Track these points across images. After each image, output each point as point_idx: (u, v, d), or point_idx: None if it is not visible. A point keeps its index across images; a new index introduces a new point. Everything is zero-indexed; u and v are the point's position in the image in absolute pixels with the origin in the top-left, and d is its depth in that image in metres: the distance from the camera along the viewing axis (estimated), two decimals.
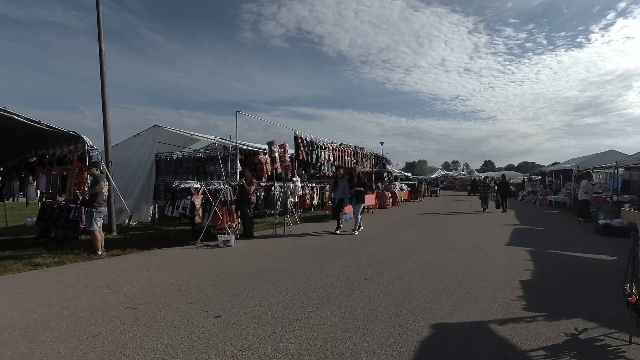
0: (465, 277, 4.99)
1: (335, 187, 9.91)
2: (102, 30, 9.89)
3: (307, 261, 6.10)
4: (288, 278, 5.00)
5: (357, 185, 9.65)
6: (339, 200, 9.77)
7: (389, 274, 5.18)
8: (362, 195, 9.76)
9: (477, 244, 7.67)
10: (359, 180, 9.83)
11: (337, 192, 9.80)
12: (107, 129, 9.78)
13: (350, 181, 9.75)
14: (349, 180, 9.78)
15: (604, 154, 18.34)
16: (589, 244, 7.74)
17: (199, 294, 4.31)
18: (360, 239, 8.42)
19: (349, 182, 9.73)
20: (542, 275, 5.11)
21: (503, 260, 6.10)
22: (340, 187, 9.74)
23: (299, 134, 13.59)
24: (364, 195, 9.86)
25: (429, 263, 5.86)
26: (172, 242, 8.05)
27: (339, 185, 9.76)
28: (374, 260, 6.12)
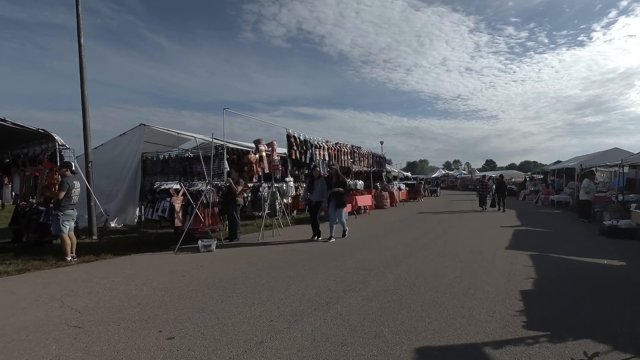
0: (460, 287, 4.50)
1: (311, 188, 8.60)
2: (82, 25, 9.41)
3: (290, 268, 5.62)
4: (264, 289, 4.53)
5: (336, 185, 8.35)
6: (316, 204, 8.53)
7: (376, 283, 4.70)
8: (342, 197, 8.42)
9: (475, 247, 7.19)
10: (338, 180, 8.43)
11: (314, 194, 8.51)
12: (86, 127, 9.32)
13: (329, 181, 8.50)
14: (327, 179, 8.59)
15: (607, 152, 17.82)
16: (594, 247, 7.25)
17: (158, 309, 3.83)
18: (350, 243, 7.94)
19: (327, 181, 8.51)
20: (544, 284, 4.62)
21: (502, 266, 5.62)
22: (316, 188, 8.47)
23: (292, 133, 13.14)
24: (344, 198, 8.52)
25: (421, 270, 5.38)
26: (152, 247, 7.57)
27: (316, 186, 8.47)
28: (361, 267, 5.64)
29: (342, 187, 8.45)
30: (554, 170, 24.31)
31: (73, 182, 6.32)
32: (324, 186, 8.39)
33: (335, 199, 8.27)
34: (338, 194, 8.30)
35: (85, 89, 9.38)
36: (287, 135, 12.93)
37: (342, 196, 8.37)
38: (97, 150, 12.77)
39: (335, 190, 8.27)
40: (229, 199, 8.57)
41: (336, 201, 8.27)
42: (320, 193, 8.42)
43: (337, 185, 8.36)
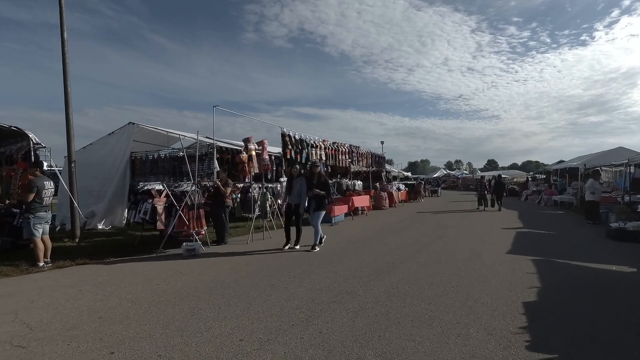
0: (457, 298, 4.09)
1: (290, 189, 7.52)
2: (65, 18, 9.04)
3: (274, 276, 5.22)
4: (241, 300, 4.13)
5: (317, 186, 7.24)
6: (295, 207, 7.37)
7: (364, 293, 4.29)
8: (323, 200, 7.35)
9: (475, 251, 6.77)
10: (319, 180, 7.32)
11: (292, 196, 7.39)
12: (69, 124, 8.97)
13: (309, 181, 7.35)
14: (307, 179, 7.43)
15: (612, 151, 17.39)
16: (602, 252, 6.82)
17: (119, 325, 3.44)
18: (343, 247, 7.53)
19: (307, 182, 7.37)
20: (549, 295, 4.21)
21: (503, 273, 5.20)
22: (295, 188, 7.35)
23: (287, 132, 12.76)
24: (325, 201, 7.43)
25: (415, 278, 4.97)
26: (135, 251, 7.19)
27: (294, 186, 7.37)
28: (351, 274, 5.23)
29: (323, 190, 7.31)
30: (557, 170, 23.84)
31: (43, 183, 5.94)
32: (303, 186, 7.25)
33: (315, 201, 7.25)
34: (318, 198, 7.26)
35: (68, 85, 9.04)
36: (282, 134, 12.53)
37: (322, 199, 7.32)
38: (85, 149, 12.41)
39: (316, 192, 7.19)
40: (217, 200, 8.19)
41: (316, 204, 7.26)
42: (299, 194, 7.30)
43: (318, 186, 7.24)
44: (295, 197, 7.33)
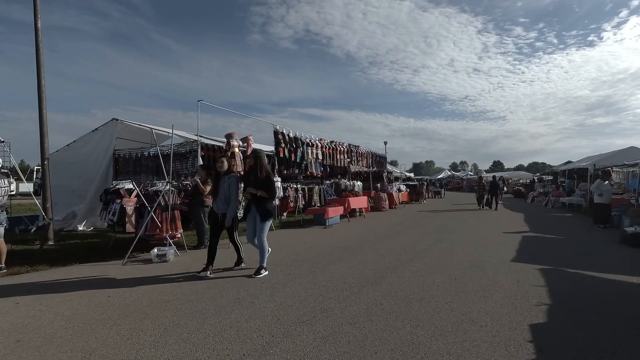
0: (450, 319, 3.43)
1: (216, 191, 5.46)
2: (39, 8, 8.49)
3: (244, 286, 4.59)
4: (193, 319, 3.50)
5: (255, 184, 5.16)
6: (222, 216, 5.29)
7: (341, 312, 3.65)
8: (264, 205, 5.19)
9: (475, 259, 6.10)
10: (257, 178, 5.19)
11: (217, 202, 5.36)
12: (43, 120, 8.38)
13: (246, 178, 5.43)
14: (245, 177, 5.56)
15: (623, 151, 16.60)
16: (617, 259, 6.12)
17: (34, 352, 2.83)
18: (330, 253, 6.88)
19: (244, 180, 5.51)
20: (561, 314, 3.54)
21: (506, 285, 4.53)
22: (221, 190, 5.33)
23: (280, 129, 12.19)
24: (268, 206, 5.28)
25: (405, 291, 4.31)
26: (105, 255, 6.59)
27: (221, 187, 5.36)
28: (333, 285, 4.59)
29: (265, 189, 5.15)
30: (565, 171, 22.99)
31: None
32: (232, 187, 5.26)
33: (256, 207, 5.19)
34: (259, 202, 5.17)
35: (42, 80, 8.44)
36: (275, 132, 11.95)
37: (264, 204, 5.19)
38: (69, 147, 11.92)
39: (253, 192, 5.12)
40: (196, 200, 7.58)
41: (257, 210, 5.18)
42: (226, 199, 5.29)
43: (256, 184, 5.15)
44: (220, 202, 5.30)
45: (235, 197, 5.32)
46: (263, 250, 5.22)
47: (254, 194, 5.15)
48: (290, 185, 13.76)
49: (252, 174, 5.29)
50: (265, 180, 5.24)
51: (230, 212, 5.30)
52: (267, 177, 5.29)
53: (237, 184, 5.38)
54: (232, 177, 5.42)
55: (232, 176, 5.44)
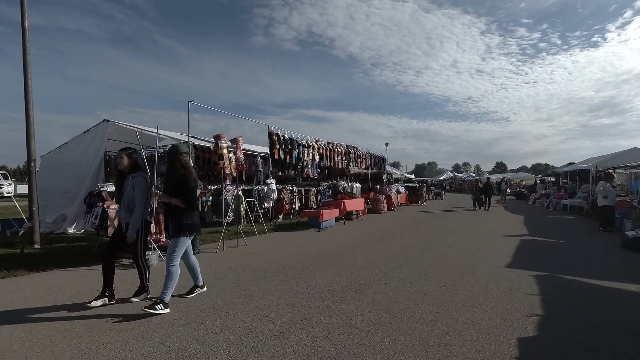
0: (433, 331, 3.21)
1: (119, 194, 4.28)
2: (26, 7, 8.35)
3: (222, 294, 4.40)
4: (158, 331, 3.30)
5: (168, 189, 4.02)
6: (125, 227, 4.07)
7: (318, 323, 3.43)
8: (177, 216, 3.95)
9: (469, 265, 5.87)
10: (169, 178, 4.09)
11: (120, 208, 4.21)
12: (30, 121, 8.24)
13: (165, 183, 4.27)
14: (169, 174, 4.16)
15: (626, 152, 16.28)
16: (617, 265, 5.88)
17: None
18: (320, 258, 6.67)
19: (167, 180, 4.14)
20: (554, 327, 3.31)
21: (498, 294, 4.31)
22: (125, 194, 4.12)
23: (274, 130, 11.99)
24: (183, 216, 3.95)
25: (389, 301, 4.10)
26: (89, 259, 6.41)
27: (124, 189, 4.15)
28: (315, 294, 4.38)
29: (179, 195, 3.92)
30: (567, 172, 22.66)
31: None
32: (139, 190, 4.02)
33: (170, 216, 3.99)
34: (171, 211, 3.97)
35: (30, 78, 8.31)
36: (269, 133, 11.76)
37: (180, 214, 3.94)
38: (60, 149, 11.78)
39: (164, 200, 3.98)
40: None
41: (172, 221, 3.98)
42: (128, 206, 4.06)
43: (168, 189, 4.01)
44: (123, 209, 4.09)
45: (141, 202, 4.01)
46: (169, 275, 3.85)
47: (165, 202, 3.97)
48: (285, 187, 13.58)
49: (172, 169, 4.08)
50: (177, 183, 3.96)
51: (135, 223, 3.96)
52: (181, 181, 3.97)
53: (145, 186, 4.10)
54: (139, 176, 4.09)
55: (138, 175, 4.09)
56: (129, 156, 4.18)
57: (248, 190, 11.72)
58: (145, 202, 4.10)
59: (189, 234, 4.03)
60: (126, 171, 4.18)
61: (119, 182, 4.28)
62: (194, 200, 4.10)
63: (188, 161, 4.27)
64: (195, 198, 4.17)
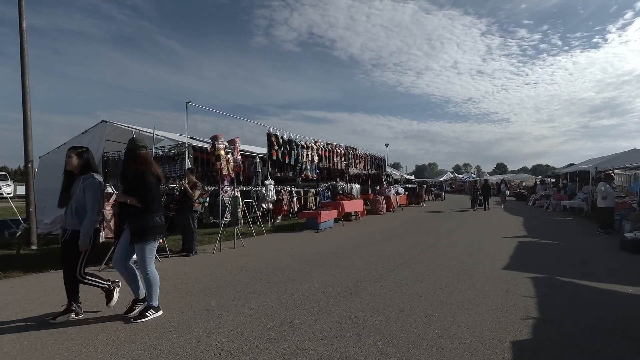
0: (427, 334, 3.19)
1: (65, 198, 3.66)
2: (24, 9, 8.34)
3: (216, 296, 4.37)
4: (146, 336, 3.28)
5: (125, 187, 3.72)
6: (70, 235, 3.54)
7: (311, 325, 3.41)
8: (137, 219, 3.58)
9: (466, 266, 5.84)
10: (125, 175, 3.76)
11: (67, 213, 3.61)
12: (27, 122, 8.23)
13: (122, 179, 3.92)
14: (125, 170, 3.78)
15: (625, 153, 16.25)
16: (615, 267, 5.85)
17: None
18: (316, 259, 6.65)
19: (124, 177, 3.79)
20: (549, 330, 3.29)
21: (494, 296, 4.28)
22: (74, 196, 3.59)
23: (273, 131, 11.98)
24: (143, 218, 3.57)
25: (384, 303, 4.07)
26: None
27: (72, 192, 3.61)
28: (309, 296, 4.35)
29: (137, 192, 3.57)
30: (567, 173, 22.62)
31: None
32: (90, 193, 3.52)
33: (129, 223, 3.66)
34: (130, 212, 3.61)
35: (27, 78, 8.31)
36: (268, 134, 11.74)
37: (138, 216, 3.57)
38: (59, 149, 11.77)
39: (121, 199, 3.68)
40: (184, 205, 7.38)
41: (130, 229, 3.64)
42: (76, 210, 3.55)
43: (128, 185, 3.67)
44: (70, 214, 3.57)
45: (93, 207, 3.51)
46: (148, 282, 3.64)
47: (122, 201, 3.63)
48: (284, 189, 13.57)
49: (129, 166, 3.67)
50: (134, 180, 3.56)
51: (86, 230, 3.46)
52: (138, 177, 3.54)
53: (98, 189, 3.58)
54: (90, 178, 3.57)
55: (89, 177, 3.58)
56: (79, 155, 3.64)
57: (246, 191, 11.71)
58: (97, 207, 3.60)
59: (154, 238, 3.64)
60: (76, 172, 3.65)
61: (66, 183, 3.69)
62: (153, 199, 3.61)
63: (148, 156, 3.81)
64: (156, 197, 3.71)
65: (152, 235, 3.61)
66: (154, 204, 3.64)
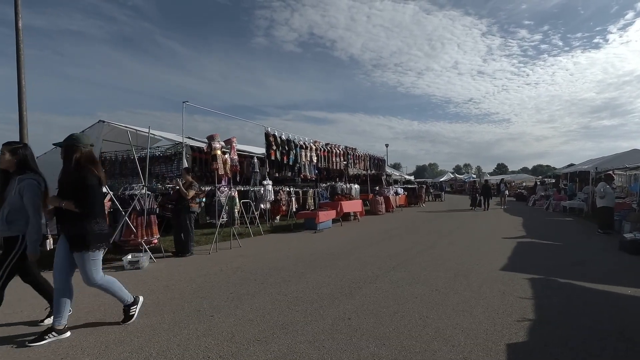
0: (420, 336, 3.14)
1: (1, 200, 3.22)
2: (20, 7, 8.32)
3: (209, 297, 4.32)
4: (134, 338, 3.23)
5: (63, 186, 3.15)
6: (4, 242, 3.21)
7: (303, 328, 3.36)
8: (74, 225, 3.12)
9: (463, 267, 5.78)
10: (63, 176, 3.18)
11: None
12: (23, 122, 8.21)
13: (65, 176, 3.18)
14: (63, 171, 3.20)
15: (626, 153, 16.16)
16: (614, 269, 5.79)
17: None
18: (312, 260, 6.60)
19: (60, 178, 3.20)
20: (546, 332, 3.23)
21: (490, 297, 4.22)
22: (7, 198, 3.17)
23: (271, 131, 11.93)
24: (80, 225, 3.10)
25: (378, 305, 4.02)
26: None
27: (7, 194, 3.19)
28: (302, 297, 4.30)
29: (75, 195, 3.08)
30: (567, 174, 22.54)
31: None
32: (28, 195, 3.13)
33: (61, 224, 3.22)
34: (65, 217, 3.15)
35: (23, 78, 8.29)
36: (266, 134, 11.69)
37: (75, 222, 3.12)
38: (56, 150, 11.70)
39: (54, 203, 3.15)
40: (181, 205, 7.32)
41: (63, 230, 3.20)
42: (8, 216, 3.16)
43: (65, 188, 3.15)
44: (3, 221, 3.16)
45: (35, 210, 3.13)
46: (108, 290, 3.39)
47: (55, 205, 3.14)
48: (282, 189, 13.51)
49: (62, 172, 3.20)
50: (73, 182, 3.09)
51: (33, 237, 3.12)
52: (78, 179, 3.09)
53: (38, 191, 3.19)
54: (28, 179, 3.18)
55: (27, 178, 3.19)
56: (13, 152, 3.22)
57: (244, 192, 11.66)
58: (39, 210, 3.17)
59: (97, 246, 3.19)
60: (11, 171, 3.23)
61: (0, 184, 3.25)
62: (93, 204, 3.17)
63: (92, 155, 3.31)
64: (98, 202, 3.29)
65: (92, 243, 3.14)
66: (95, 208, 3.21)
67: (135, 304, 3.60)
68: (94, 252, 3.19)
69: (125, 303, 3.52)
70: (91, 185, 3.14)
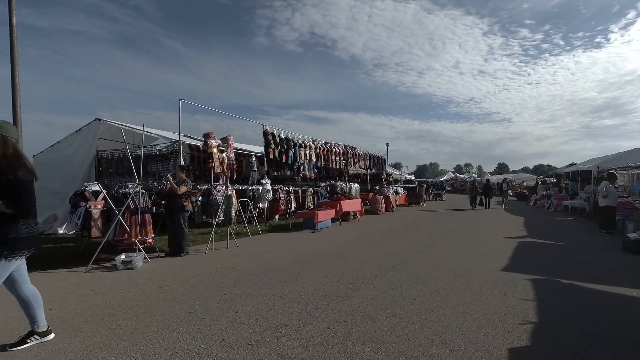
0: (417, 341, 3.01)
1: None
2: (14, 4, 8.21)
3: (201, 298, 4.20)
4: (121, 341, 3.11)
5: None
6: None
7: (297, 331, 3.23)
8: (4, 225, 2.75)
9: (463, 268, 5.66)
10: None
11: None
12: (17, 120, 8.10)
13: None
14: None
15: (628, 152, 16.02)
16: (618, 269, 5.66)
17: None
18: (310, 260, 6.48)
19: None
20: (548, 335, 3.10)
21: (491, 299, 4.10)
22: None
23: (269, 130, 11.80)
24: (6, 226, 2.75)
25: (376, 306, 3.89)
26: (72, 261, 6.24)
27: None
28: (298, 299, 4.18)
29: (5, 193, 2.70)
30: (569, 173, 22.38)
31: None
32: None
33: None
34: None
35: (17, 76, 8.18)
36: (264, 133, 11.57)
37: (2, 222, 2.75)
38: (53, 148, 11.64)
39: None
40: (174, 204, 7.20)
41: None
42: None
43: None
44: None
45: None
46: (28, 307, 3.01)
47: None
48: (281, 188, 13.39)
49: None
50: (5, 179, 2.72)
51: None
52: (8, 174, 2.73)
53: None
54: None
55: None
56: None
57: (243, 191, 11.55)
58: None
59: (17, 253, 2.79)
60: None
61: None
62: (27, 201, 2.79)
63: (17, 146, 2.90)
64: (31, 198, 2.86)
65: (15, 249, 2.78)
66: (27, 208, 2.82)
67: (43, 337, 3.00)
68: (10, 261, 2.77)
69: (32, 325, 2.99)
70: (22, 181, 2.75)
